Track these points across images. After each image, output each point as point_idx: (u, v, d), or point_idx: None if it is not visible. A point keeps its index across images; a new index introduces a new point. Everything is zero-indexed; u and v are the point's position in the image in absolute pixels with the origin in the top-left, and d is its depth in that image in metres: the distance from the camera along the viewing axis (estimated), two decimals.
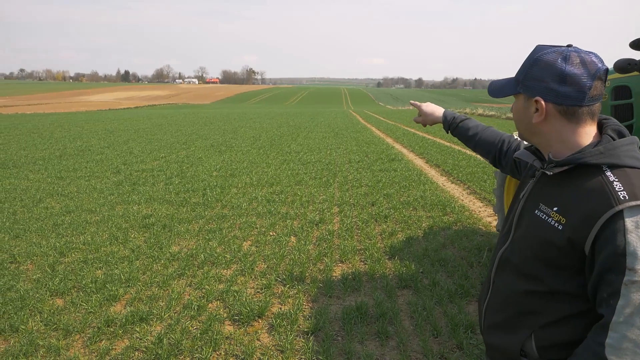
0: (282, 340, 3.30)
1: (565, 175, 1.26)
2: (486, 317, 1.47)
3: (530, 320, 1.30)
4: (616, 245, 1.11)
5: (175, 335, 3.31)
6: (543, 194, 1.32)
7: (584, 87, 1.20)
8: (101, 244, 5.28)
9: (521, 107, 1.33)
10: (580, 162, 1.21)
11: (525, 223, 1.35)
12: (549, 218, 1.25)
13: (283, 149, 14.18)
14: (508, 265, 1.38)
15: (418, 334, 3.40)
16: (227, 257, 4.89)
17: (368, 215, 6.50)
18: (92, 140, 16.64)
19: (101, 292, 4.03)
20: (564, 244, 1.19)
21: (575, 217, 1.18)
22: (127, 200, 7.44)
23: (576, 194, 1.21)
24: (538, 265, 1.27)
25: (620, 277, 1.11)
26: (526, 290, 1.31)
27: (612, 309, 1.12)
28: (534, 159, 1.39)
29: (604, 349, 1.13)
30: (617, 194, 1.13)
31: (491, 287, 1.46)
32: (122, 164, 11.05)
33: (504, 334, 1.37)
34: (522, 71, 1.31)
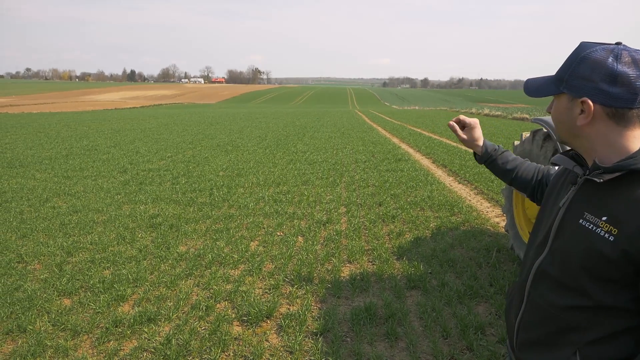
0: (291, 341, 3.27)
1: (613, 182, 1.17)
2: (520, 332, 1.37)
3: (574, 337, 1.21)
4: None
5: (183, 336, 3.30)
6: (588, 202, 1.22)
7: (636, 88, 1.12)
8: (108, 244, 5.27)
9: (564, 108, 1.24)
10: (632, 168, 1.12)
11: (567, 233, 1.24)
12: (597, 228, 1.16)
13: (289, 148, 14.17)
14: (547, 278, 1.28)
15: (427, 335, 3.37)
16: (235, 257, 4.88)
17: (375, 215, 6.47)
18: (99, 139, 16.69)
19: (109, 292, 4.02)
20: (617, 255, 1.11)
21: (629, 227, 1.10)
22: (134, 199, 7.45)
23: (628, 203, 1.13)
24: (584, 278, 1.18)
25: None
26: (570, 305, 1.22)
27: None
28: (573, 164, 1.30)
29: None
30: None
31: (526, 300, 1.35)
32: (129, 164, 11.07)
33: (545, 351, 1.28)
34: (566, 69, 1.22)
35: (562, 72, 1.24)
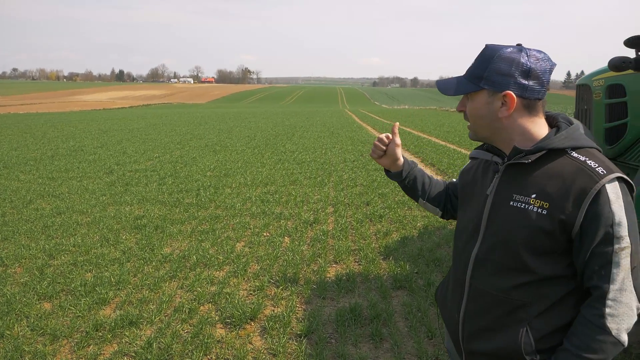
0: (275, 344, 3.24)
1: (535, 162, 1.29)
2: (466, 324, 1.41)
3: (522, 314, 1.29)
4: (604, 217, 1.19)
5: (165, 340, 3.25)
6: (514, 184, 1.32)
7: (544, 81, 1.28)
8: (92, 246, 5.19)
9: (484, 103, 1.33)
10: (551, 147, 1.27)
11: (500, 217, 1.33)
12: (530, 206, 1.26)
13: (278, 148, 14.11)
14: (487, 264, 1.35)
15: (412, 335, 3.35)
16: (220, 258, 4.83)
17: (363, 215, 6.45)
18: (85, 140, 16.51)
19: (90, 295, 3.95)
20: (554, 227, 1.22)
21: (560, 198, 1.22)
22: (120, 201, 7.36)
23: (550, 177, 1.26)
24: (524, 255, 1.27)
25: (610, 247, 1.19)
26: (514, 284, 1.29)
27: (607, 278, 1.20)
28: (492, 155, 1.43)
29: (605, 319, 1.19)
30: (595, 170, 1.21)
31: (467, 291, 1.41)
32: (115, 164, 10.95)
33: (496, 335, 1.33)
34: (482, 67, 1.32)
35: (478, 70, 1.33)
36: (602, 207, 1.19)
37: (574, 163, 1.25)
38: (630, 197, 1.24)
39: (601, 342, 1.21)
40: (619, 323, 1.20)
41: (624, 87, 3.93)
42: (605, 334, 1.20)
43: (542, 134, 1.32)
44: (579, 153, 1.27)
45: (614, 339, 1.21)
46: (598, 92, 4.23)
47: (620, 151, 3.97)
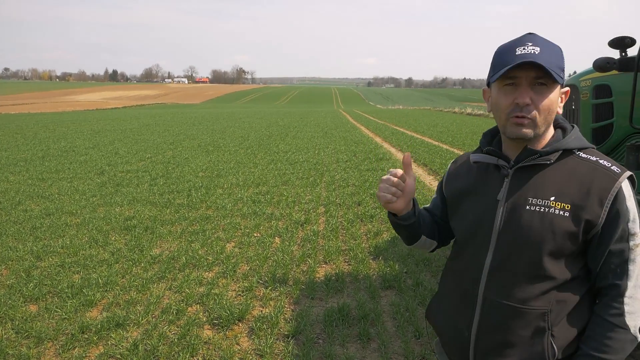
0: (262, 345, 3.22)
1: (541, 166, 1.26)
2: (481, 342, 1.31)
3: (544, 324, 1.23)
4: (623, 214, 1.20)
5: (151, 341, 3.22)
6: (528, 188, 1.26)
7: None
8: (80, 247, 5.16)
9: (555, 98, 1.25)
10: (565, 147, 1.26)
11: (517, 223, 1.26)
12: (550, 208, 1.22)
13: (271, 148, 14.09)
14: (504, 274, 1.27)
15: (400, 335, 3.34)
16: (210, 259, 4.80)
17: (354, 215, 6.44)
18: (77, 140, 16.41)
19: (77, 297, 3.92)
20: (578, 228, 1.20)
21: (582, 199, 1.20)
22: (110, 202, 7.32)
23: (567, 178, 1.23)
24: (546, 260, 1.23)
25: (627, 244, 1.20)
26: (535, 292, 1.24)
27: (624, 275, 1.20)
28: (497, 159, 1.33)
29: (624, 317, 1.19)
30: (611, 169, 1.22)
31: (481, 305, 1.31)
32: (107, 165, 10.90)
33: (518, 350, 1.26)
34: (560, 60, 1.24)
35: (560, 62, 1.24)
36: (621, 205, 1.19)
37: (587, 163, 1.24)
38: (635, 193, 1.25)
39: (621, 341, 1.19)
40: (635, 320, 1.19)
41: (610, 88, 3.95)
42: (625, 332, 1.19)
43: (550, 135, 1.30)
44: (586, 153, 1.27)
45: (632, 336, 1.20)
46: (585, 92, 4.25)
47: (606, 151, 3.99)
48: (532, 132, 1.23)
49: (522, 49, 1.21)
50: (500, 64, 1.23)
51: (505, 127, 1.27)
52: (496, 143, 1.40)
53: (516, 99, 1.21)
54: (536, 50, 1.20)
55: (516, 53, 1.21)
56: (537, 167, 1.26)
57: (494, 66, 1.26)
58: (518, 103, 1.21)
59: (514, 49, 1.22)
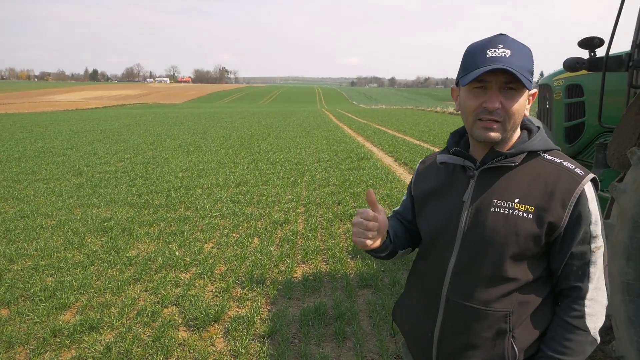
0: (237, 345, 3.21)
1: (503, 168, 1.26)
2: (443, 343, 1.31)
3: (504, 325, 1.24)
4: (586, 217, 1.20)
5: (125, 344, 3.19)
6: (493, 189, 1.26)
7: None
8: (55, 250, 5.07)
9: (524, 101, 1.24)
10: (530, 149, 1.26)
11: (481, 225, 1.25)
12: (514, 210, 1.22)
13: (253, 148, 14.04)
14: (467, 276, 1.27)
15: (375, 333, 3.36)
16: (187, 260, 4.77)
17: (333, 214, 6.46)
18: (55, 141, 16.13)
19: (50, 300, 3.86)
20: (541, 230, 1.20)
21: (544, 201, 1.21)
22: (87, 203, 7.21)
23: (531, 180, 1.24)
24: (509, 262, 1.23)
25: (588, 246, 1.21)
26: (498, 294, 1.24)
27: (586, 278, 1.21)
28: (463, 160, 1.32)
29: (585, 319, 1.21)
30: (574, 171, 1.23)
31: (444, 307, 1.30)
32: (85, 166, 10.73)
33: (480, 352, 1.26)
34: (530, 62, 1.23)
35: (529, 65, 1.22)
36: (583, 208, 1.19)
37: (551, 165, 1.24)
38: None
39: (582, 343, 1.21)
40: (595, 322, 1.21)
41: (581, 87, 4.03)
42: (585, 334, 1.20)
43: (517, 136, 1.30)
44: (551, 155, 1.27)
45: (592, 338, 1.22)
46: (558, 91, 4.32)
47: (579, 149, 4.07)
48: (500, 136, 1.23)
49: (493, 51, 1.19)
50: (470, 65, 1.22)
51: (472, 129, 1.26)
52: (463, 143, 1.39)
53: (485, 103, 1.21)
54: (507, 53, 1.18)
55: (487, 55, 1.19)
56: (503, 168, 1.26)
57: (465, 67, 1.24)
58: (487, 107, 1.21)
59: (485, 51, 1.20)
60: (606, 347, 2.67)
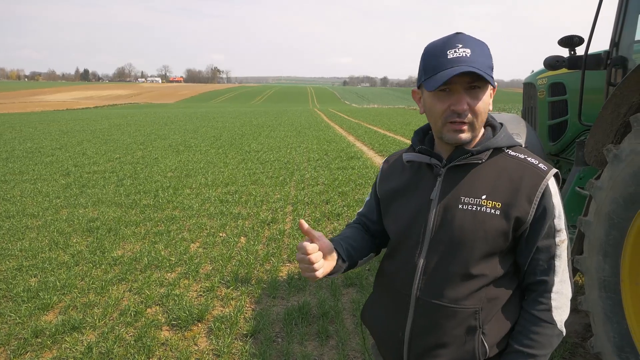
0: (220, 344, 3.20)
1: (469, 165, 1.27)
2: (414, 343, 1.30)
3: (474, 322, 1.24)
4: (550, 211, 1.22)
5: (107, 344, 3.17)
6: (460, 187, 1.26)
7: None
8: (39, 250, 5.04)
9: (488, 98, 1.24)
10: (495, 146, 1.27)
11: (450, 222, 1.25)
12: (482, 207, 1.22)
13: (243, 148, 14.01)
14: (437, 275, 1.26)
15: (358, 332, 3.37)
16: (172, 260, 4.75)
17: (321, 213, 6.46)
18: (44, 141, 16.01)
19: (33, 301, 3.83)
20: (509, 226, 1.21)
21: (510, 197, 1.21)
22: (74, 203, 7.16)
23: (498, 176, 1.24)
24: (478, 259, 1.23)
25: (553, 240, 1.23)
26: (467, 291, 1.24)
27: (551, 271, 1.23)
28: (429, 158, 1.31)
29: (552, 312, 1.23)
30: (538, 166, 1.24)
31: (415, 305, 1.29)
32: (73, 166, 10.65)
33: (451, 350, 1.26)
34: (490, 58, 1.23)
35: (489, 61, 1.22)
36: (548, 202, 1.21)
37: (515, 161, 1.25)
38: None
39: (549, 336, 1.22)
40: (561, 314, 1.23)
41: (564, 86, 4.06)
42: (552, 327, 1.22)
43: (481, 133, 1.29)
44: (515, 151, 1.28)
45: (558, 331, 1.23)
46: (542, 90, 4.36)
47: (562, 147, 4.10)
48: (470, 136, 1.23)
49: (454, 51, 1.17)
50: (433, 68, 1.19)
51: (442, 132, 1.24)
52: (428, 141, 1.38)
53: (453, 106, 1.19)
54: (467, 53, 1.17)
55: (448, 57, 1.17)
56: (469, 165, 1.26)
57: (426, 69, 1.21)
58: (456, 110, 1.19)
59: (445, 52, 1.18)
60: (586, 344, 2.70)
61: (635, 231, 2.33)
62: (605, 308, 2.45)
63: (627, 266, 2.39)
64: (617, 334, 2.41)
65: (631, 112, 2.58)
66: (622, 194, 2.35)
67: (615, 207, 2.38)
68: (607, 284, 2.44)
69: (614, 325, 2.43)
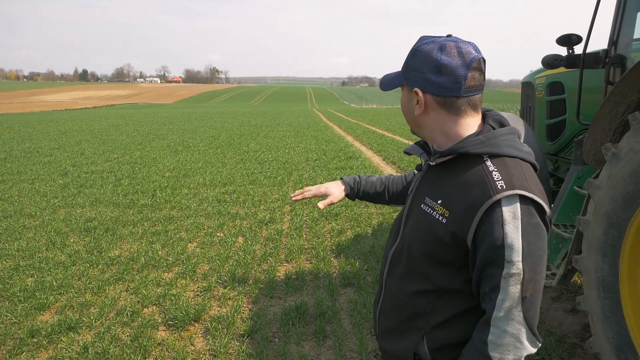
0: (217, 345, 3.19)
1: (448, 167, 1.21)
2: (380, 322, 1.40)
3: (421, 322, 1.25)
4: (495, 237, 1.07)
5: (103, 344, 3.15)
6: (429, 187, 1.27)
7: (459, 77, 1.15)
8: (36, 250, 5.02)
9: (405, 100, 1.27)
10: (461, 151, 1.16)
11: (412, 219, 1.29)
12: (434, 212, 1.20)
13: (241, 148, 13.99)
14: (399, 265, 1.31)
15: (355, 332, 3.35)
16: (170, 259, 4.73)
17: (319, 213, 6.44)
18: (42, 141, 15.98)
19: (29, 300, 3.82)
20: (449, 238, 1.14)
21: (457, 209, 1.14)
22: (72, 203, 7.14)
23: (458, 185, 1.16)
24: (425, 263, 1.22)
25: (500, 271, 1.07)
26: (416, 290, 1.25)
27: (492, 304, 1.10)
28: (421, 152, 1.34)
29: (487, 346, 1.10)
30: (495, 183, 1.09)
31: (383, 290, 1.38)
32: (71, 166, 10.63)
33: (397, 338, 1.32)
34: (404, 62, 1.25)
35: (403, 65, 1.27)
36: (493, 226, 1.07)
37: (481, 173, 1.12)
38: (536, 219, 1.10)
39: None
40: (502, 353, 1.09)
41: (562, 85, 4.05)
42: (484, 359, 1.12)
43: (464, 135, 1.20)
44: (493, 162, 1.14)
45: None
46: (540, 89, 4.35)
47: (560, 147, 4.09)
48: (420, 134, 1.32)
49: None
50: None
51: None
52: None
53: None
54: None
55: None
56: (444, 166, 1.21)
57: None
58: None
59: None
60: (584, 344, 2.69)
61: (634, 230, 2.31)
62: (604, 308, 2.44)
63: (626, 266, 2.38)
64: (616, 334, 2.39)
65: (629, 110, 2.57)
66: (621, 193, 2.33)
67: (614, 206, 2.37)
68: (605, 283, 2.42)
69: (613, 325, 2.41)
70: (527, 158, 1.17)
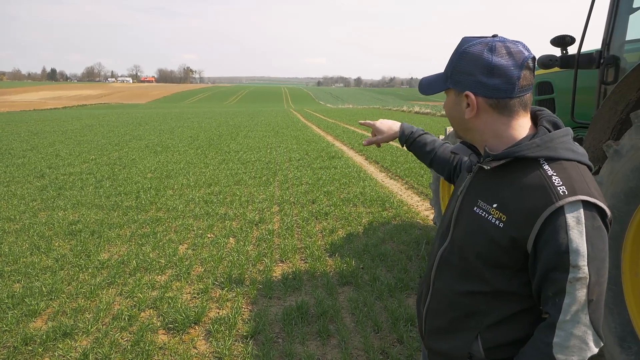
0: (220, 347, 3.15)
1: (503, 170, 1.19)
2: (427, 321, 1.39)
3: (475, 322, 1.25)
4: (559, 242, 1.07)
5: (103, 350, 3.08)
6: (481, 189, 1.25)
7: (512, 77, 1.14)
8: (20, 255, 4.86)
9: (452, 103, 1.26)
10: (517, 155, 1.15)
11: (464, 221, 1.27)
12: (489, 215, 1.18)
13: (222, 148, 13.85)
14: (448, 266, 1.31)
15: (359, 330, 3.36)
16: (162, 262, 4.65)
17: (308, 213, 6.44)
18: (13, 142, 15.49)
19: (19, 307, 3.69)
20: (507, 242, 1.14)
21: (515, 214, 1.13)
22: (52, 206, 6.94)
23: (515, 189, 1.15)
24: (480, 265, 1.21)
25: (565, 275, 1.08)
26: (470, 291, 1.25)
27: (558, 308, 1.10)
28: (470, 153, 1.34)
29: (552, 348, 1.11)
30: (556, 189, 1.09)
31: (431, 289, 1.37)
32: (47, 168, 10.34)
33: (449, 338, 1.31)
34: (450, 65, 1.24)
35: (447, 68, 1.25)
36: (557, 232, 1.07)
37: (540, 177, 1.11)
38: (599, 223, 1.09)
39: None
40: (568, 355, 1.10)
41: (551, 85, 4.15)
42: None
43: (518, 137, 1.19)
44: (552, 165, 1.13)
45: None
46: None
47: None
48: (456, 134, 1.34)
49: None
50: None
51: None
52: None
53: None
54: None
55: None
56: (496, 170, 1.21)
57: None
58: None
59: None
60: None
61: (636, 225, 2.39)
62: (607, 299, 2.51)
63: (628, 259, 2.46)
64: (619, 325, 2.47)
65: (628, 109, 2.66)
66: (623, 189, 2.41)
67: (616, 202, 2.44)
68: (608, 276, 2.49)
69: (615, 316, 2.49)
70: (583, 160, 1.16)
